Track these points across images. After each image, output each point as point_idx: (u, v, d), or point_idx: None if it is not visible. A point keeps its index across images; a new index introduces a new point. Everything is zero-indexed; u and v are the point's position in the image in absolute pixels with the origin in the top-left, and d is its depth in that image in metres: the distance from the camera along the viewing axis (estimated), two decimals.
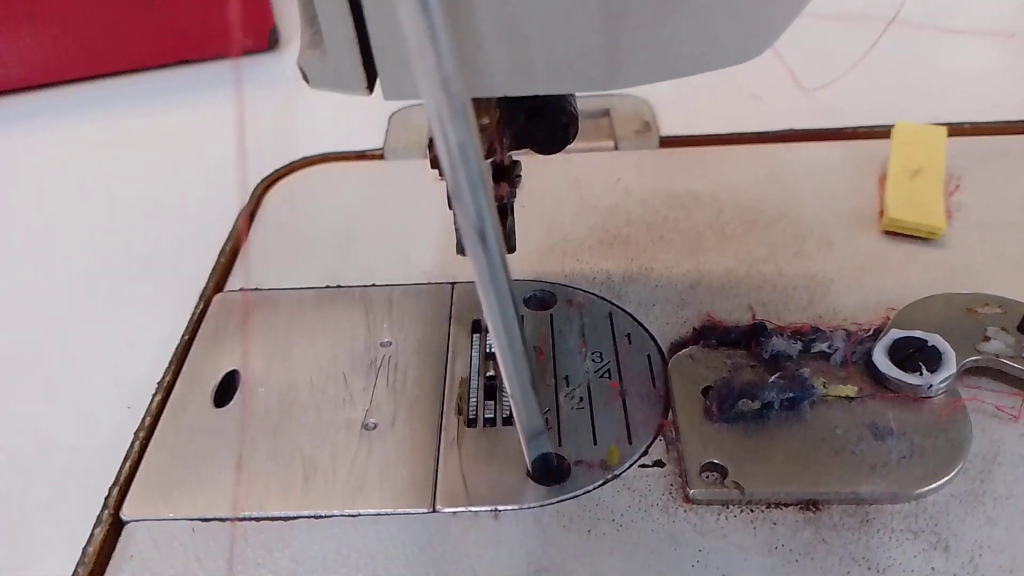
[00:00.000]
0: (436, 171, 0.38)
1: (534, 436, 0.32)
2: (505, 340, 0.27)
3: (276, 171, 0.56)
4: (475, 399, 0.38)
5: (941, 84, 0.61)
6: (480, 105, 0.32)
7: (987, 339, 0.38)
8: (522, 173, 0.35)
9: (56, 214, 0.56)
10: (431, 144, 0.34)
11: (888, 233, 0.46)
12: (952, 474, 0.33)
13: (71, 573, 0.33)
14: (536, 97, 0.31)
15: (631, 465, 0.35)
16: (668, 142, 0.56)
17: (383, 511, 0.34)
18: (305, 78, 0.27)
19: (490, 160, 0.34)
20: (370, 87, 0.28)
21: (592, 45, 0.26)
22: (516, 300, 0.27)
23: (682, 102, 0.60)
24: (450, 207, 0.38)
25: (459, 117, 0.21)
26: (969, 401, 0.36)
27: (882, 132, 0.53)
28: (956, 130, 0.53)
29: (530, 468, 0.34)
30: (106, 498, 0.36)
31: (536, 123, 0.32)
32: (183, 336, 0.43)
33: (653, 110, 0.59)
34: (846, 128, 0.56)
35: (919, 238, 0.46)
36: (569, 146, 0.54)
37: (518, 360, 0.28)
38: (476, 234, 0.24)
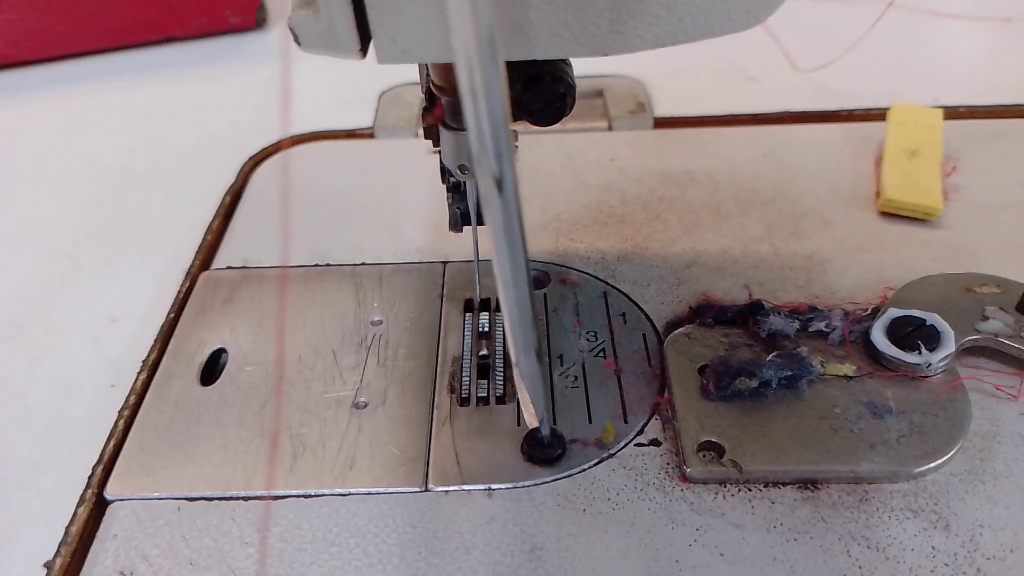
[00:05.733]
0: (430, 142, 0.37)
1: (536, 404, 0.31)
2: (515, 305, 0.26)
3: (264, 149, 0.55)
4: (468, 377, 0.38)
5: (936, 67, 0.61)
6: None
7: (986, 318, 0.37)
8: (518, 143, 0.34)
9: (41, 189, 0.54)
10: (424, 113, 0.33)
11: (885, 214, 0.46)
12: (952, 453, 0.33)
13: (54, 552, 0.32)
14: (533, 66, 0.30)
15: (627, 444, 0.35)
16: (663, 123, 0.55)
17: (374, 489, 0.33)
18: (296, 39, 0.27)
19: None
20: (363, 50, 0.27)
21: (594, 8, 0.26)
22: (528, 263, 0.26)
23: (677, 83, 0.59)
24: (443, 181, 0.37)
25: (488, 55, 0.20)
26: (968, 380, 0.36)
27: (878, 114, 0.53)
28: (952, 113, 0.52)
29: (535, 433, 0.33)
30: (89, 477, 0.35)
31: (533, 92, 0.31)
32: (169, 313, 0.42)
33: (647, 91, 0.58)
34: (842, 110, 0.55)
35: (916, 219, 0.45)
36: (563, 126, 0.54)
37: (525, 323, 0.27)
38: (493, 181, 0.22)
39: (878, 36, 0.59)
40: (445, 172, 0.35)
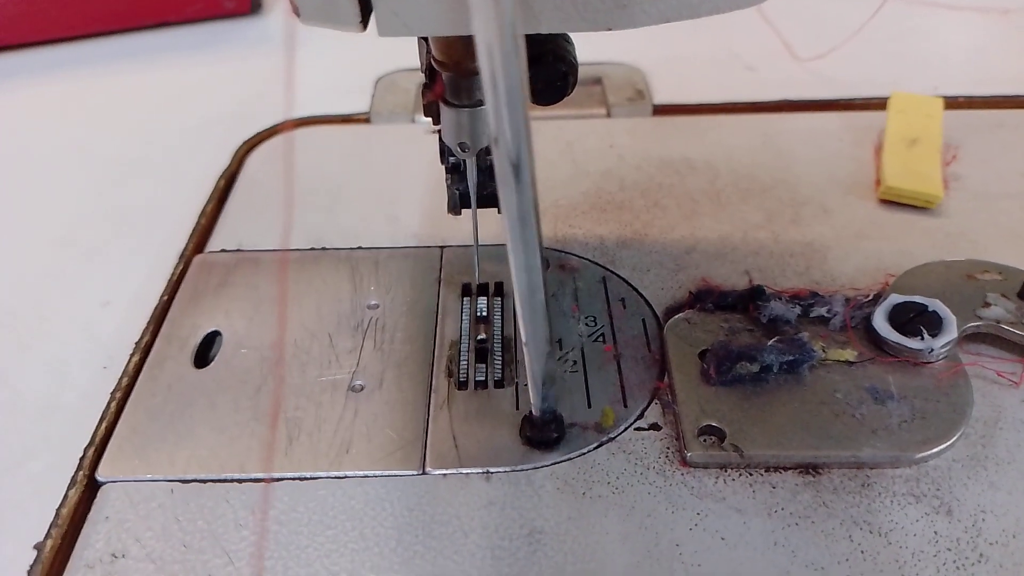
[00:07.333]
0: (426, 127, 0.37)
1: (546, 388, 0.31)
2: (527, 288, 0.26)
3: (258, 133, 0.54)
4: (466, 361, 0.37)
5: (935, 58, 0.61)
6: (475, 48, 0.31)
7: (987, 305, 0.37)
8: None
9: (33, 173, 0.54)
10: (424, 90, 0.32)
11: (885, 202, 0.46)
12: (954, 438, 0.32)
13: (44, 534, 0.32)
14: (535, 44, 0.30)
15: (626, 428, 0.34)
16: (661, 110, 0.55)
17: (370, 473, 0.33)
18: (296, 11, 0.26)
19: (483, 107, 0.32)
20: (364, 23, 0.26)
21: None
22: (542, 245, 0.25)
23: (675, 71, 0.59)
24: (442, 161, 0.36)
25: (508, 37, 0.19)
26: (970, 366, 0.35)
27: (878, 103, 0.53)
28: (952, 103, 0.52)
29: (537, 414, 0.33)
30: (81, 459, 0.34)
31: (534, 71, 0.30)
32: (162, 296, 0.42)
33: (646, 79, 0.58)
34: (841, 99, 0.55)
35: (916, 207, 0.45)
36: (561, 112, 0.54)
37: (536, 305, 0.26)
38: (510, 165, 0.22)
39: (878, 26, 0.58)
40: (444, 152, 0.35)
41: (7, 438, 0.36)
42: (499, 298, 0.40)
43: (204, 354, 0.39)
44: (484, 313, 0.39)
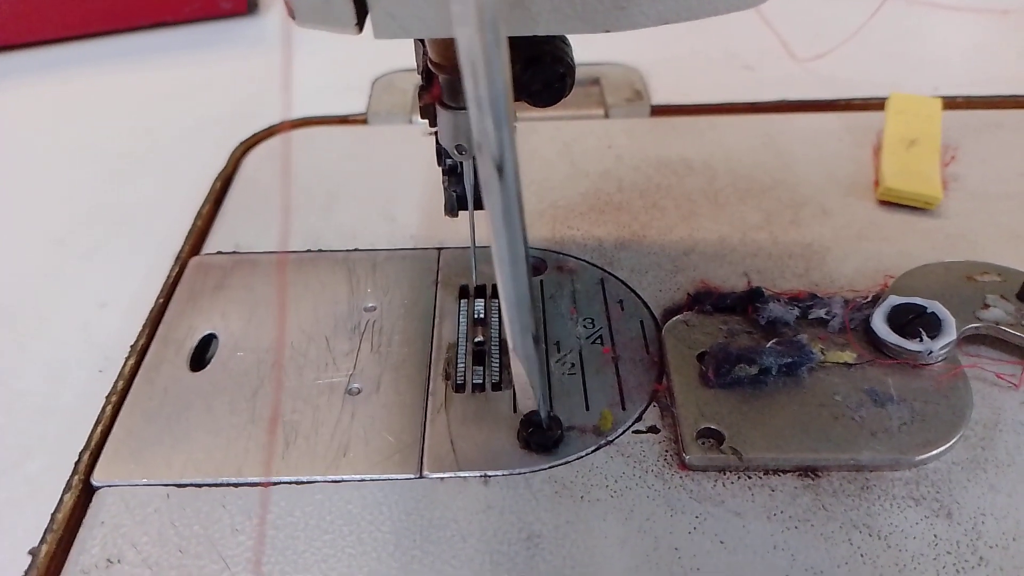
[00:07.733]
0: (423, 128, 0.37)
1: (533, 387, 0.31)
2: (512, 287, 0.26)
3: (255, 134, 0.54)
4: (463, 364, 0.37)
5: (934, 58, 0.61)
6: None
7: (987, 307, 0.37)
8: (516, 123, 0.33)
9: (30, 174, 0.53)
10: (421, 92, 0.32)
11: (884, 203, 0.45)
12: (953, 441, 0.32)
13: (39, 539, 0.31)
14: (532, 46, 0.30)
15: (625, 431, 0.34)
16: (659, 111, 0.55)
17: (367, 476, 0.33)
18: (291, 13, 0.26)
19: None
20: (359, 25, 0.26)
21: None
22: (527, 246, 0.25)
23: (673, 71, 0.58)
24: (439, 163, 0.36)
25: (490, 31, 0.19)
26: (969, 368, 0.35)
27: (876, 104, 0.53)
28: (950, 103, 0.52)
29: (531, 417, 0.33)
30: (76, 463, 0.34)
31: (532, 72, 0.30)
32: (158, 299, 0.41)
33: (644, 79, 0.58)
34: (840, 99, 0.55)
35: (915, 208, 0.45)
36: (559, 112, 0.53)
37: (523, 305, 0.26)
38: (493, 164, 0.22)
39: (877, 26, 0.58)
40: (441, 154, 0.35)
41: (4, 438, 0.36)
42: (496, 300, 0.40)
43: (200, 357, 0.39)
44: (481, 315, 0.39)
